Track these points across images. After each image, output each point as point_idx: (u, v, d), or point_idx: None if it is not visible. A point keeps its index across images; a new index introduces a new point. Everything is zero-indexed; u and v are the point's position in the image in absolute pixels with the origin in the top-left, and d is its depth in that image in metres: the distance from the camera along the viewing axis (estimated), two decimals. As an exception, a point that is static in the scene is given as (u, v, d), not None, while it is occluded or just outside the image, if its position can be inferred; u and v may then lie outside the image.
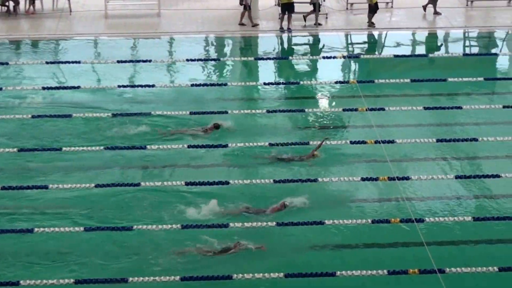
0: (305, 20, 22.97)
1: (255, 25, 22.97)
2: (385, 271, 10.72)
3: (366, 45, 22.41)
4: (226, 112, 14.83)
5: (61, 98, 17.82)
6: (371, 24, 22.80)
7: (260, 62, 20.62)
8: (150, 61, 15.62)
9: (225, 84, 15.58)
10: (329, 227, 12.39)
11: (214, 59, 20.88)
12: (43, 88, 15.15)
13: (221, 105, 17.05)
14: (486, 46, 22.18)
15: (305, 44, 22.72)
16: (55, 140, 15.78)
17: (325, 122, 16.91)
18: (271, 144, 13.92)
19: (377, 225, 12.22)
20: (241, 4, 23.08)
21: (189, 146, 13.50)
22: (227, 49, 22.42)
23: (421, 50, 21.80)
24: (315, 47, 22.51)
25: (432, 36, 22.58)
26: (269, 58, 20.29)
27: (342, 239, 12.66)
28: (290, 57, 21.18)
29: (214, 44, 22.61)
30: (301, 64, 20.93)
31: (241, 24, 23.01)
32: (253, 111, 15.70)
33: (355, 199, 13.82)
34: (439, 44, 22.36)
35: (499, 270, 10.73)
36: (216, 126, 16.11)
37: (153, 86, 14.48)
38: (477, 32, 22.90)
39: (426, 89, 18.03)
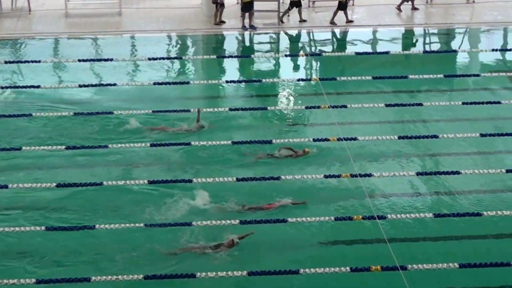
0: (281, 21, 22.96)
1: (222, 22, 22.96)
2: (348, 268, 10.79)
3: (328, 43, 22.49)
4: (189, 111, 14.81)
5: (21, 98, 17.63)
6: (333, 22, 22.91)
7: (222, 60, 20.60)
8: (111, 60, 15.51)
9: (188, 83, 15.53)
10: (292, 225, 12.41)
11: (176, 58, 20.79)
12: (2, 88, 14.98)
13: (184, 103, 16.99)
14: (445, 43, 22.41)
15: (267, 42, 22.75)
16: (15, 139, 15.62)
17: (287, 119, 16.93)
18: (234, 143, 13.91)
19: (339, 222, 12.29)
20: (213, 2, 22.95)
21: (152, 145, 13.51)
22: (189, 48, 22.37)
23: (382, 47, 21.93)
24: (277, 45, 22.56)
25: (393, 34, 22.74)
26: (232, 56, 20.27)
27: (305, 237, 12.70)
28: (253, 55, 21.18)
29: (176, 42, 22.53)
30: (263, 62, 20.95)
31: (217, 23, 22.94)
32: (216, 109, 15.66)
33: (318, 197, 13.87)
34: (399, 41, 22.52)
35: (460, 267, 10.85)
36: (202, 126, 16.11)
37: (114, 85, 14.39)
38: (437, 30, 23.12)
39: (387, 86, 18.16)
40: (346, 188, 13.99)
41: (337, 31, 23.00)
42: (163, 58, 20.08)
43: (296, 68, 20.70)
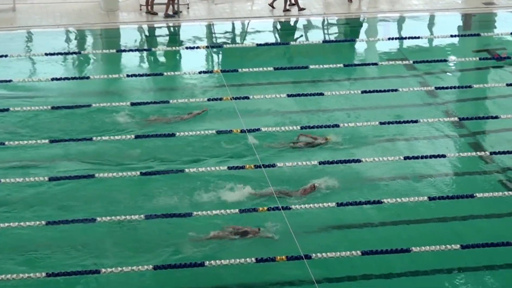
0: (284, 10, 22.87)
1: (154, 13, 22.67)
2: (253, 259, 10.81)
3: (228, 35, 22.45)
4: (90, 106, 14.57)
5: None
6: (286, 10, 22.91)
7: (122, 54, 20.29)
8: (6, 56, 15.05)
9: (87, 78, 15.25)
10: (196, 218, 12.34)
11: (74, 53, 20.36)
12: None
13: (83, 99, 16.69)
14: (344, 33, 22.71)
15: (167, 35, 22.53)
16: None
17: (190, 112, 16.81)
18: (136, 136, 13.81)
19: (245, 214, 12.30)
20: None
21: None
22: (88, 42, 21.93)
23: (282, 38, 22.05)
24: (177, 38, 22.37)
25: (293, 24, 22.89)
26: (132, 50, 19.97)
27: (208, 230, 12.66)
28: (153, 49, 20.94)
29: (74, 37, 22.05)
30: (164, 55, 20.74)
31: (171, 15, 22.60)
32: (116, 104, 15.42)
33: (222, 188, 13.84)
34: (299, 31, 22.69)
35: (362, 254, 11.11)
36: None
37: (10, 81, 13.99)
38: (336, 19, 23.40)
39: (289, 76, 18.27)
40: (250, 179, 14.00)
41: (238, 22, 22.99)
42: (61, 54, 19.64)
43: (197, 60, 20.58)
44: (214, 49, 20.81)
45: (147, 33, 22.34)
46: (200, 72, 17.47)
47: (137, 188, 13.94)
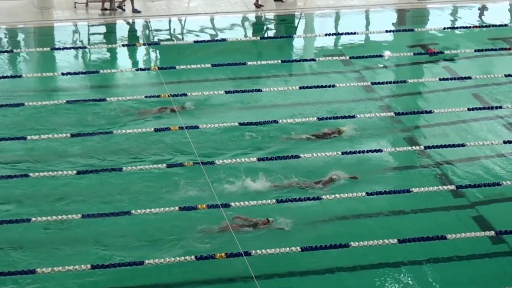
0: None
1: (112, 10, 22.38)
2: (193, 257, 10.80)
3: (166, 32, 22.31)
4: (23, 104, 14.32)
5: None
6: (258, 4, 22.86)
7: (57, 52, 19.98)
8: None
9: (20, 76, 14.97)
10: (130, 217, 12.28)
11: (6, 51, 19.95)
12: None
13: (16, 98, 16.40)
14: (282, 29, 22.76)
15: (104, 32, 22.26)
16: None
17: (127, 110, 16.66)
18: (72, 135, 13.64)
19: (184, 212, 12.25)
20: None
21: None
22: (21, 41, 21.52)
23: (219, 35, 22.01)
24: (114, 35, 22.12)
25: (230, 21, 22.85)
26: (66, 48, 19.67)
27: (147, 229, 12.59)
28: (89, 46, 20.68)
29: (6, 35, 21.61)
30: (100, 53, 20.48)
31: (108, 9, 22.32)
32: (52, 102, 15.18)
33: (162, 187, 13.77)
34: (237, 28, 22.68)
35: (302, 250, 11.26)
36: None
37: None
38: (273, 15, 23.45)
39: (227, 73, 18.25)
40: (189, 176, 13.95)
41: (174, 19, 22.86)
42: (-7, 52, 19.27)
43: (134, 57, 20.40)
44: (151, 47, 20.67)
45: (82, 31, 22.03)
46: (137, 70, 17.34)
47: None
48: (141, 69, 18.01)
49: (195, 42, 16.74)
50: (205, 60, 16.87)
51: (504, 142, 14.21)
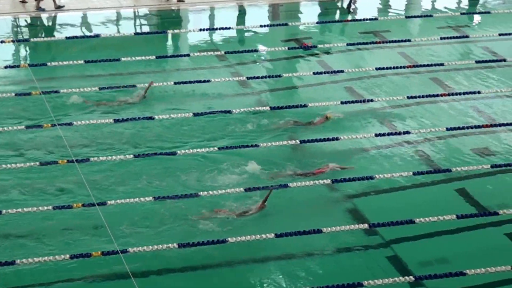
0: None
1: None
2: (67, 256, 10.60)
3: (36, 28, 21.70)
4: None
5: None
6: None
7: None
8: None
9: None
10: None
11: None
12: None
13: None
14: (156, 25, 22.55)
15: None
16: None
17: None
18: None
19: (59, 210, 11.96)
20: None
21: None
22: None
23: (93, 30, 21.58)
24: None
25: (102, 16, 22.46)
26: None
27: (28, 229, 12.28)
28: None
29: None
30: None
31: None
32: None
33: (37, 184, 13.46)
34: (110, 24, 22.32)
35: (179, 247, 11.13)
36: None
37: None
38: (147, 11, 23.22)
39: (100, 69, 17.92)
40: (63, 174, 13.66)
41: (44, 16, 22.26)
42: None
43: (2, 55, 19.69)
44: (21, 43, 20.04)
45: None
46: (6, 67, 16.72)
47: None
48: (10, 67, 17.40)
49: (67, 38, 16.29)
50: (78, 56, 16.52)
51: (376, 135, 14.52)
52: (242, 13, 23.38)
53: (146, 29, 22.33)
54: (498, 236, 12.55)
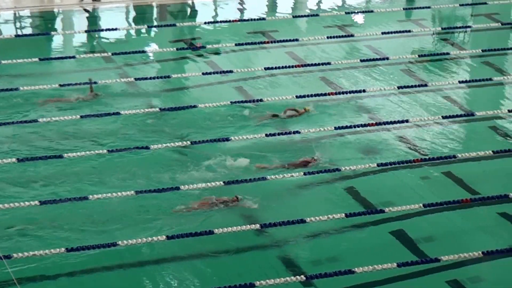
0: None
1: None
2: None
3: None
4: None
5: None
6: None
7: None
8: None
9: None
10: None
11: None
12: None
13: None
14: (38, 26, 21.91)
15: None
16: None
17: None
18: None
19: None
20: None
21: None
22: None
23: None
24: None
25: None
26: None
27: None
28: None
29: None
30: None
31: None
32: None
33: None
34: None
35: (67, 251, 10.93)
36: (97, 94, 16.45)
37: None
38: (29, 12, 22.55)
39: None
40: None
41: None
42: None
43: None
44: None
45: None
46: None
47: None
48: None
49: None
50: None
51: (266, 135, 14.66)
52: (128, 13, 22.99)
53: (28, 31, 21.63)
54: (384, 234, 12.74)
